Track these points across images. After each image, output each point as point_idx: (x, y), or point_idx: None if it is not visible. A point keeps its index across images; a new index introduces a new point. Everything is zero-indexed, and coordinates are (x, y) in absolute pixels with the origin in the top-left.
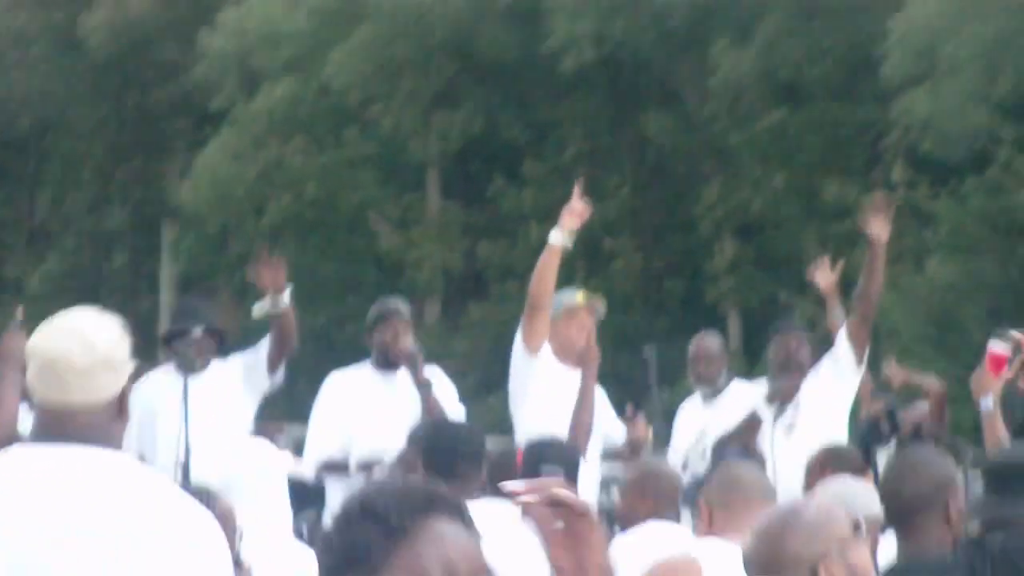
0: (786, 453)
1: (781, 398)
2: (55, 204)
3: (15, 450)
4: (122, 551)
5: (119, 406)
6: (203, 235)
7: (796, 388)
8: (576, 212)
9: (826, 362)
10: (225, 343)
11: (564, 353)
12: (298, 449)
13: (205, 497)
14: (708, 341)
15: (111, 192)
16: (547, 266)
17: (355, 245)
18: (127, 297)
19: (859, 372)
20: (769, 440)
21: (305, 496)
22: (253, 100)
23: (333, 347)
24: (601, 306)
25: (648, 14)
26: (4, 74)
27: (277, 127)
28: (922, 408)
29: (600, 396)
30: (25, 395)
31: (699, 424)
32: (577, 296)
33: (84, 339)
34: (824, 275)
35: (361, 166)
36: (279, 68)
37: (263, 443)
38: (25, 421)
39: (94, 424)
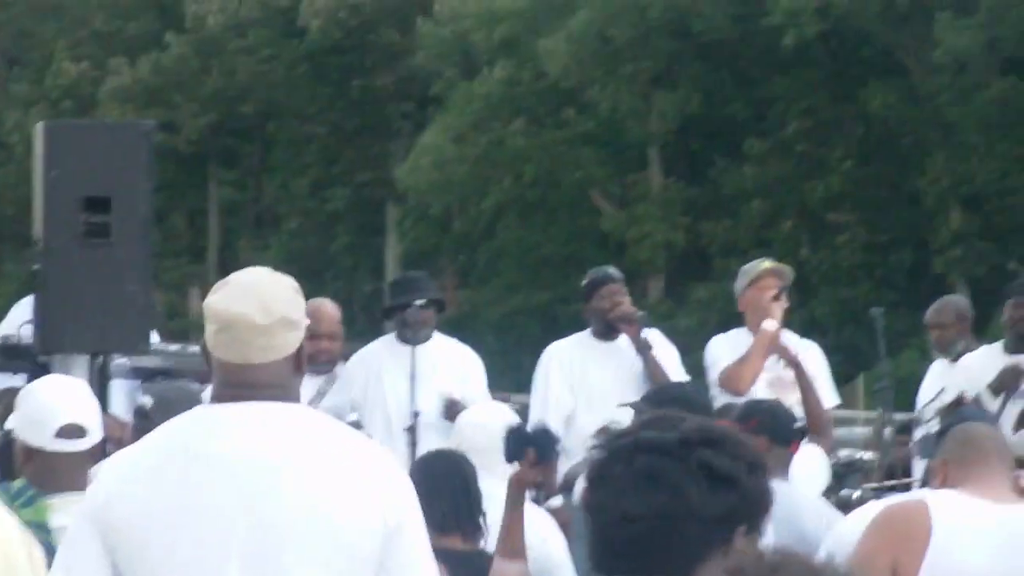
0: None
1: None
2: (281, 188)
3: (200, 410)
4: (321, 484)
5: (297, 362)
6: (426, 216)
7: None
8: None
9: None
10: (443, 312)
11: (754, 321)
12: (523, 417)
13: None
14: (947, 305)
15: (335, 174)
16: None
17: (577, 223)
18: (350, 278)
19: None
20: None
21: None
22: (471, 83)
23: (557, 324)
24: (788, 271)
25: None
26: (227, 61)
27: (496, 109)
28: None
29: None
30: None
31: (940, 382)
32: (761, 264)
33: (262, 300)
34: None
35: (581, 146)
36: (495, 48)
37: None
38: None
39: (274, 382)
